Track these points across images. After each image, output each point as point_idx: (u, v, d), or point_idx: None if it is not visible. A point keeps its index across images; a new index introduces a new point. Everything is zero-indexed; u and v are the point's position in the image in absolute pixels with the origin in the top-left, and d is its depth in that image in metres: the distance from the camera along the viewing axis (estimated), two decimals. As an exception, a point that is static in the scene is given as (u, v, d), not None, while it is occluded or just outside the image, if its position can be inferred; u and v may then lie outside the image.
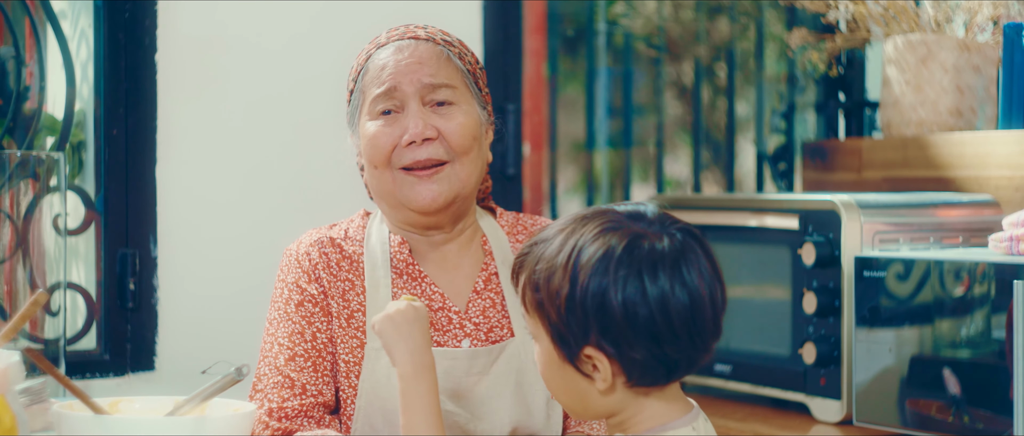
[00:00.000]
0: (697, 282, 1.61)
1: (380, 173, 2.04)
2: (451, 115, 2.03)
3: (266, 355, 2.05)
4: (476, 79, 2.10)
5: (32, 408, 1.93)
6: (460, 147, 2.03)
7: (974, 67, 2.95)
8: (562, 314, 1.61)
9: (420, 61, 2.04)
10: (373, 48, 2.10)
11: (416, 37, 2.08)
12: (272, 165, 2.87)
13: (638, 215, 1.65)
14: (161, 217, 2.76)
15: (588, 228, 1.64)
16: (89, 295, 2.73)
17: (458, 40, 2.12)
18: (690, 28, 3.61)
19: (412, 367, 1.80)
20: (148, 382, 2.74)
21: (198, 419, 1.73)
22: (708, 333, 1.64)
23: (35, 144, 2.66)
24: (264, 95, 2.86)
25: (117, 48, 2.73)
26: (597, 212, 1.67)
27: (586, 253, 1.61)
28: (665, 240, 1.62)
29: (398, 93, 2.03)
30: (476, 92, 2.09)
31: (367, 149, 2.05)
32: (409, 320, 1.83)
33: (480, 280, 2.09)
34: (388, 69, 2.04)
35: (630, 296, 1.58)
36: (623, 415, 1.67)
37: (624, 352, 1.60)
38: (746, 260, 2.76)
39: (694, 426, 1.66)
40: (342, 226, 2.14)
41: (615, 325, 1.59)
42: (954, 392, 2.30)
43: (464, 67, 2.08)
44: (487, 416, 2.01)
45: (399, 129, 2.02)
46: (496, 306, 2.08)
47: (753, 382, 2.76)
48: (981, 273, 2.26)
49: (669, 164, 3.83)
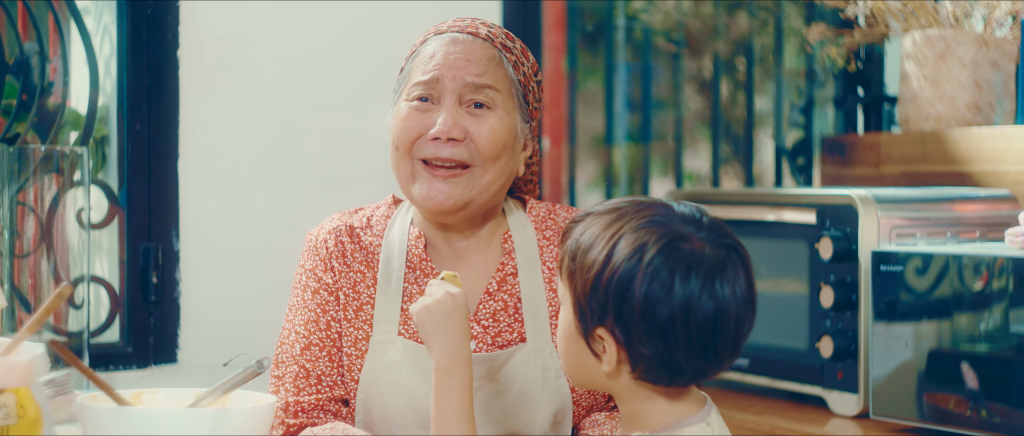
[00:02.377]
0: (728, 296, 1.61)
1: (400, 157, 2.00)
2: (484, 119, 1.98)
3: (284, 341, 2.04)
4: (526, 91, 2.04)
5: (56, 399, 1.94)
6: (487, 153, 1.97)
7: (992, 62, 2.94)
8: (587, 289, 1.62)
9: (469, 58, 1.99)
10: (432, 33, 2.05)
11: (475, 33, 2.02)
12: (293, 160, 2.88)
13: (692, 219, 1.64)
14: (183, 211, 2.78)
15: (638, 216, 1.63)
16: (112, 288, 2.74)
17: (522, 47, 2.06)
18: (709, 23, 3.62)
19: (448, 359, 1.78)
20: (170, 374, 2.76)
21: (220, 411, 1.73)
22: (725, 350, 1.63)
23: (59, 139, 2.68)
24: (285, 90, 2.87)
25: (140, 44, 2.74)
26: (653, 203, 1.67)
27: (626, 239, 1.61)
28: (707, 249, 1.61)
29: (438, 85, 1.98)
30: (522, 103, 2.03)
31: (394, 127, 2.01)
32: (447, 311, 1.81)
33: (494, 281, 2.03)
34: (436, 58, 1.99)
35: (654, 292, 1.58)
36: (630, 407, 1.68)
37: (634, 344, 1.61)
38: (764, 254, 2.76)
39: (708, 422, 1.66)
40: (366, 213, 2.11)
41: (631, 316, 1.59)
42: (972, 386, 2.30)
43: (516, 76, 2.02)
44: (482, 425, 1.97)
45: (429, 120, 1.98)
46: (509, 309, 2.02)
47: (770, 376, 2.76)
48: (999, 268, 2.26)
49: (690, 159, 3.83)
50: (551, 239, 2.07)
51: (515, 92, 2.02)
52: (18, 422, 1.55)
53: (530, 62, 2.06)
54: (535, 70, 2.07)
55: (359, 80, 2.91)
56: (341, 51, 2.91)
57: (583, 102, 3.70)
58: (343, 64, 2.91)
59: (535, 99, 2.06)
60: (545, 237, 2.08)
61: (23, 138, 2.62)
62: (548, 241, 2.07)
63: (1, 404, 1.53)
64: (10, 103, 2.64)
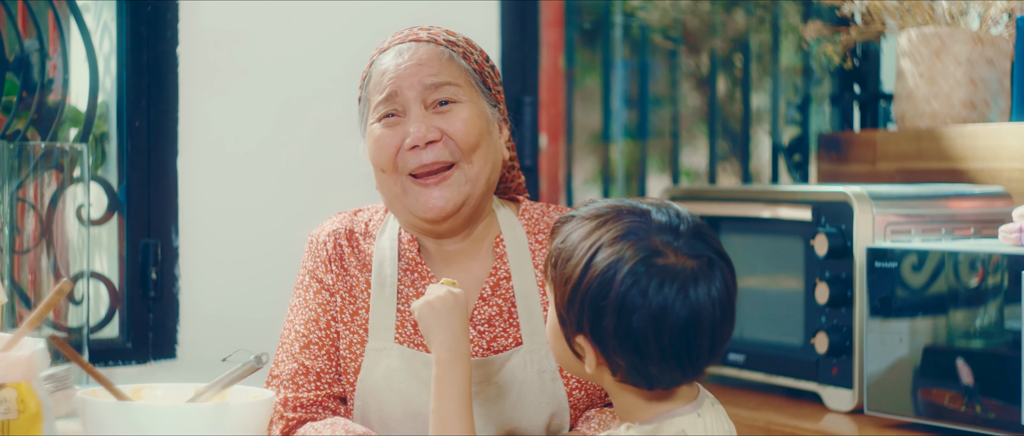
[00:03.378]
0: (702, 304, 1.60)
1: (387, 178, 2.01)
2: (454, 113, 1.99)
3: (284, 340, 2.05)
4: (483, 77, 2.05)
5: (56, 394, 1.95)
6: (466, 144, 1.98)
7: (987, 60, 2.95)
8: (565, 300, 1.64)
9: (420, 63, 2.00)
10: (376, 54, 2.07)
11: (417, 39, 2.03)
12: (292, 157, 2.89)
13: (669, 227, 1.64)
14: (182, 208, 2.79)
15: (616, 226, 1.63)
16: (112, 284, 2.75)
17: (464, 39, 2.07)
18: (706, 20, 3.63)
19: (449, 354, 1.80)
20: (169, 370, 2.76)
21: (219, 406, 1.74)
22: (701, 358, 1.63)
23: (59, 136, 2.68)
24: (284, 88, 2.88)
25: (139, 41, 2.75)
26: (631, 210, 1.66)
27: (602, 253, 1.61)
28: (685, 261, 1.61)
29: (399, 98, 1.99)
30: (483, 90, 2.04)
31: (372, 153, 2.01)
32: (449, 308, 1.82)
33: (488, 286, 2.03)
34: (389, 74, 2.00)
35: (627, 308, 1.59)
36: (619, 402, 1.69)
37: (610, 355, 1.62)
38: (760, 251, 2.77)
39: (699, 412, 1.67)
40: (365, 216, 2.12)
41: (605, 330, 1.61)
42: (967, 382, 2.30)
43: (469, 66, 2.03)
44: (480, 429, 1.96)
45: (401, 133, 1.98)
46: (503, 314, 2.02)
47: (766, 371, 2.77)
48: (994, 264, 2.27)
49: (688, 155, 3.84)
50: (543, 243, 2.07)
51: (474, 80, 2.03)
52: (19, 416, 1.56)
53: (478, 50, 2.07)
54: (485, 57, 2.08)
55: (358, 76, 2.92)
56: (340, 47, 2.92)
57: (581, 99, 3.71)
58: (342, 60, 2.92)
59: (494, 83, 2.07)
60: (538, 240, 2.07)
61: (23, 135, 2.63)
62: (540, 244, 2.07)
63: (2, 399, 1.55)
64: (10, 100, 2.65)
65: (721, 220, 2.85)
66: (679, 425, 1.65)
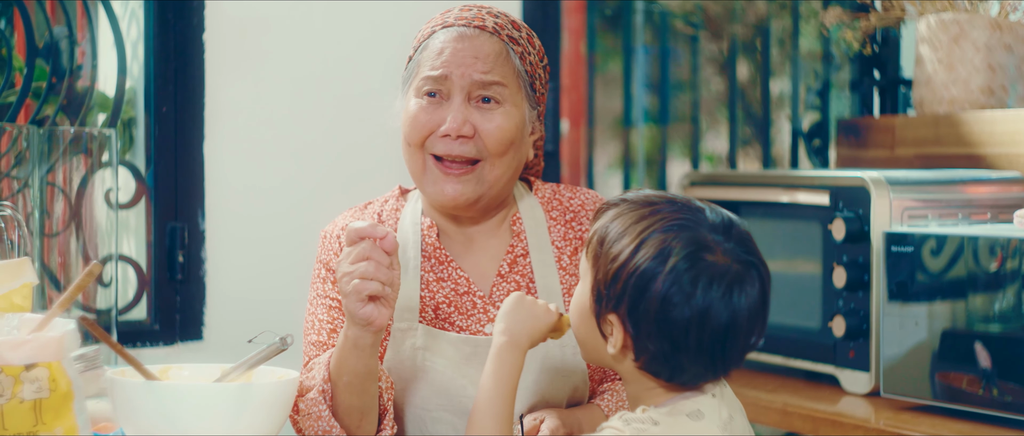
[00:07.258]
0: (742, 309, 1.63)
1: (413, 152, 2.03)
2: (492, 115, 2.00)
3: (308, 332, 2.07)
4: (533, 79, 2.06)
5: (86, 374, 1.97)
6: (495, 149, 2.00)
7: (1006, 46, 2.95)
8: (608, 277, 1.65)
9: (477, 55, 2.00)
10: (439, 25, 2.06)
11: (482, 26, 2.03)
12: (316, 141, 2.91)
13: (720, 227, 1.66)
14: (209, 192, 2.81)
15: (669, 217, 1.65)
16: (140, 267, 2.78)
17: (528, 35, 2.07)
18: (727, 6, 3.63)
19: (517, 337, 1.79)
20: (196, 351, 2.79)
21: (244, 386, 1.76)
22: (731, 357, 1.66)
23: (87, 121, 2.70)
24: (309, 74, 2.90)
25: (166, 28, 2.77)
26: (685, 204, 1.68)
27: (653, 239, 1.63)
28: (729, 262, 1.63)
29: (447, 82, 2.00)
30: (529, 92, 2.05)
31: (405, 124, 2.04)
32: (540, 313, 1.82)
33: (505, 263, 2.06)
34: (445, 55, 2.01)
35: (672, 296, 1.61)
36: (632, 390, 1.71)
37: (641, 338, 1.64)
38: (778, 235, 2.78)
39: (714, 393, 1.69)
40: (376, 207, 2.13)
41: (646, 313, 1.63)
42: (984, 365, 2.31)
43: (523, 67, 2.03)
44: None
45: (438, 118, 2.00)
46: (521, 290, 2.04)
47: (784, 354, 2.79)
48: (1013, 249, 2.27)
49: (710, 140, 3.85)
50: (557, 220, 2.09)
51: (523, 83, 2.04)
52: (50, 395, 1.58)
53: (536, 49, 2.07)
54: (541, 56, 2.08)
55: (383, 63, 2.93)
56: (365, 35, 2.93)
57: (602, 84, 3.72)
58: (367, 48, 2.93)
59: (541, 85, 2.08)
60: (552, 218, 2.10)
61: (53, 120, 2.65)
62: (554, 221, 2.09)
63: (34, 378, 1.57)
64: (40, 86, 2.67)
65: (740, 204, 2.86)
66: (694, 404, 1.67)
